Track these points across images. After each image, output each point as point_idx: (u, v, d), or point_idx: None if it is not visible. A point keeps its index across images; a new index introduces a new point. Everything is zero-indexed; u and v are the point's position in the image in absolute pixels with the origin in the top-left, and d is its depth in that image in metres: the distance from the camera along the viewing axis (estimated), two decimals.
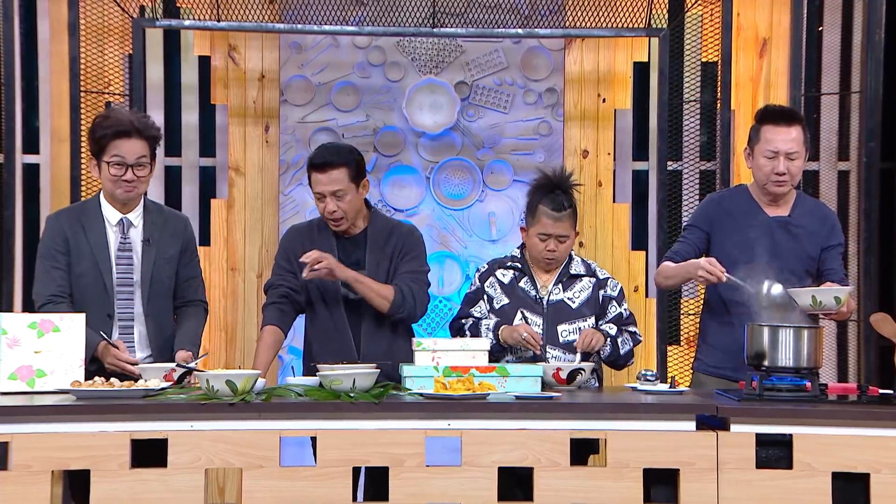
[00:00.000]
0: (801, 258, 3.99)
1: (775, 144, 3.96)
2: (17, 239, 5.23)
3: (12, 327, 3.49)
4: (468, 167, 5.43)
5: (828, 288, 3.72)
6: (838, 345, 5.51)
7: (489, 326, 3.98)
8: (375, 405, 3.26)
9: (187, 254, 3.99)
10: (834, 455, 3.27)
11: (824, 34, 5.54)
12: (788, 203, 4.07)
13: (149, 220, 3.92)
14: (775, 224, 4.03)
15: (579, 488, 3.25)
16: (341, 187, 3.90)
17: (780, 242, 3.99)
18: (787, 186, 4.01)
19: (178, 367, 3.63)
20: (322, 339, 4.00)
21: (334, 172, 3.90)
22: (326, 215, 3.95)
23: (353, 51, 5.41)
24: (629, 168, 5.57)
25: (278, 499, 3.20)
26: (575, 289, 4.07)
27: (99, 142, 3.82)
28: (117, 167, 3.80)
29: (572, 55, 5.48)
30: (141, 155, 3.82)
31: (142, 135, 3.82)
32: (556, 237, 4.00)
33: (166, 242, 3.92)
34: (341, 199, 3.91)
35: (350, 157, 3.94)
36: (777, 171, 3.96)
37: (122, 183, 3.81)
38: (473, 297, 4.11)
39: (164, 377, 3.57)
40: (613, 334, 4.01)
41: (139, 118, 3.88)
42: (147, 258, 3.87)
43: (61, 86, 5.26)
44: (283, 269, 4.05)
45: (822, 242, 4.03)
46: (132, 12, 5.22)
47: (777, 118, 4.00)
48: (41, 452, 3.14)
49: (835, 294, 3.66)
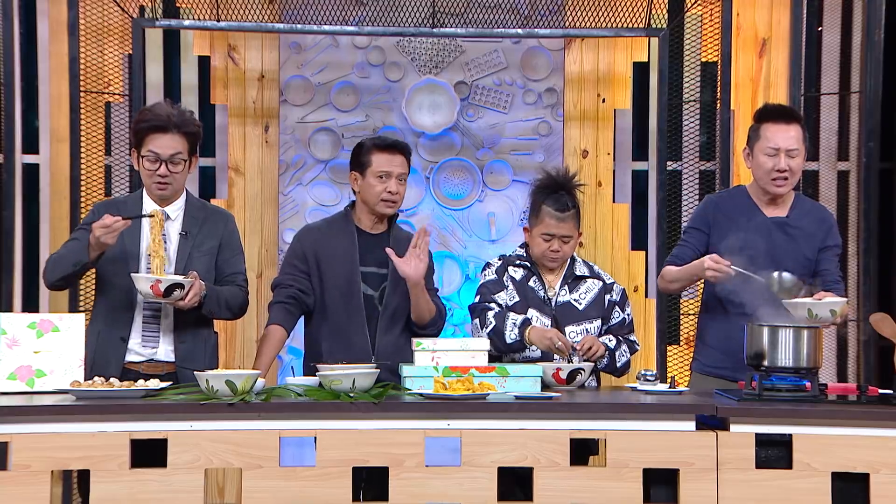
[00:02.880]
0: (797, 259, 3.99)
1: (776, 142, 3.96)
2: (17, 239, 5.23)
3: (12, 327, 3.49)
4: (468, 167, 5.43)
5: (824, 301, 3.66)
6: (838, 345, 5.51)
7: (516, 322, 3.93)
8: (375, 405, 3.26)
9: (228, 249, 3.93)
10: (833, 455, 3.27)
11: (824, 34, 5.54)
12: (787, 204, 4.08)
13: (189, 214, 3.88)
14: (773, 224, 4.03)
15: (579, 488, 3.25)
16: (404, 171, 4.05)
17: (777, 243, 4.00)
18: (787, 185, 4.01)
19: (162, 280, 3.60)
20: (335, 339, 3.98)
21: (402, 157, 4.04)
22: (385, 196, 4.01)
23: (352, 51, 5.41)
24: (629, 168, 5.57)
25: (278, 499, 3.20)
26: (580, 290, 4.08)
27: (137, 135, 3.81)
28: (152, 162, 3.79)
29: (572, 55, 5.48)
30: (177, 151, 3.79)
31: (180, 130, 3.79)
32: (560, 237, 4.01)
33: (204, 236, 3.88)
34: (402, 182, 4.04)
35: (409, 149, 4.13)
36: (778, 167, 3.96)
37: (157, 177, 3.79)
38: (495, 286, 4.06)
39: (150, 287, 3.57)
40: (612, 347, 4.01)
41: (179, 113, 3.83)
42: (183, 250, 3.83)
43: (61, 86, 5.26)
44: (296, 269, 4.04)
45: (819, 244, 4.03)
46: (132, 12, 5.22)
47: (777, 116, 4.01)
48: (41, 452, 3.14)
49: (830, 307, 3.64)
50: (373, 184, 4.00)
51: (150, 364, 3.78)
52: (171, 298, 3.63)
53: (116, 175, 5.27)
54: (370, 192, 4.02)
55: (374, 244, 4.05)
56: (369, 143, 4.07)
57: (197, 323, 3.84)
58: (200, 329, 3.87)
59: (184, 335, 3.81)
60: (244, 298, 3.95)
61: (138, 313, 3.79)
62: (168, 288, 3.61)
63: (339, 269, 3.99)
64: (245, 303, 3.96)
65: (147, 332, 3.79)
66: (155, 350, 3.79)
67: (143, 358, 3.78)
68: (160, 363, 3.78)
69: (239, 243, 4.00)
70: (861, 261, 5.36)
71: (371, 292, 4.01)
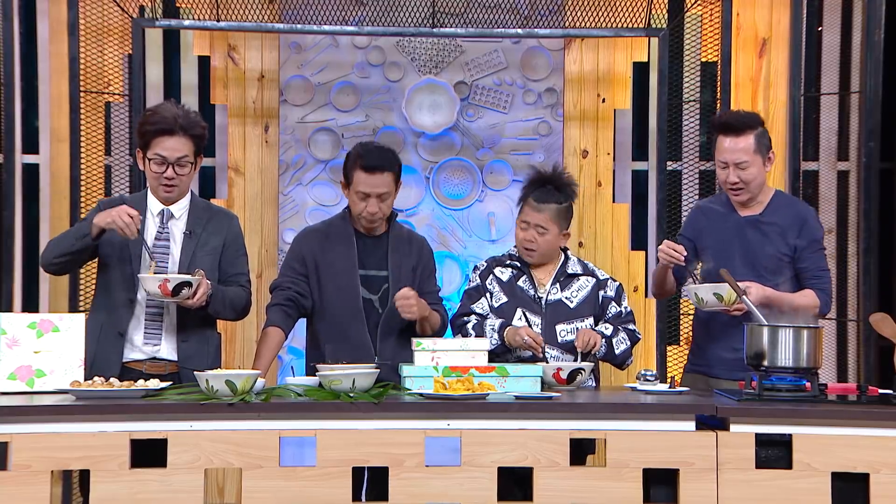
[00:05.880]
0: (772, 255, 4.00)
1: (723, 155, 4.00)
2: (17, 239, 5.22)
3: (12, 327, 3.49)
4: (468, 167, 5.43)
5: (706, 285, 3.83)
6: (838, 345, 5.51)
7: (494, 327, 3.98)
8: (375, 405, 3.27)
9: (231, 249, 3.92)
10: (833, 455, 3.27)
11: (824, 34, 5.54)
12: (763, 203, 4.08)
13: (194, 213, 3.88)
14: (745, 224, 4.06)
15: (579, 488, 3.26)
16: (387, 190, 3.97)
17: (751, 241, 4.02)
18: (743, 195, 4.03)
19: (170, 279, 3.60)
20: (337, 340, 3.97)
21: (384, 176, 3.96)
22: (366, 215, 3.98)
23: (352, 51, 5.41)
24: (629, 168, 5.57)
25: (278, 499, 3.20)
26: (572, 288, 4.08)
27: (143, 137, 3.80)
28: (158, 164, 3.78)
29: (572, 55, 5.48)
30: (183, 154, 3.79)
31: (186, 133, 3.78)
32: (535, 226, 4.03)
33: (209, 236, 3.87)
34: (384, 201, 3.98)
35: (397, 162, 4.03)
36: (729, 180, 3.99)
37: (163, 180, 3.79)
38: (475, 294, 4.12)
39: (158, 286, 3.56)
40: (609, 334, 4.01)
41: (185, 115, 3.81)
42: (186, 249, 3.83)
43: (61, 86, 5.26)
44: (295, 272, 4.04)
45: (794, 239, 4.01)
46: (132, 12, 5.22)
47: (726, 129, 4.01)
48: (41, 452, 3.14)
49: (714, 290, 3.79)
50: (355, 201, 4.00)
51: (153, 363, 3.77)
52: (180, 297, 3.63)
53: (116, 175, 5.27)
54: (353, 207, 4.03)
55: (373, 247, 4.05)
56: (355, 158, 4.00)
57: (200, 323, 3.84)
58: (204, 329, 3.86)
59: (187, 335, 3.81)
60: (248, 299, 3.96)
61: (140, 310, 3.79)
62: (176, 287, 3.61)
63: (339, 274, 3.99)
64: (248, 303, 3.97)
65: (149, 329, 3.79)
66: (157, 348, 3.79)
67: (145, 356, 3.78)
68: (163, 362, 3.78)
69: (243, 244, 4.00)
70: (861, 261, 5.35)
71: (370, 296, 4.01)
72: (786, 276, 3.96)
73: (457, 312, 4.16)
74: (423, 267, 4.10)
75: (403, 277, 4.01)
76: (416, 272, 4.07)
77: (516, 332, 3.91)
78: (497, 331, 3.96)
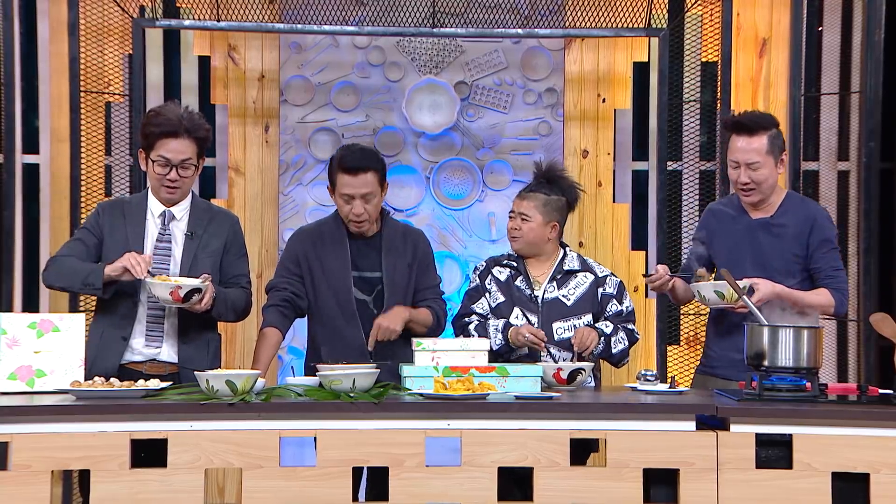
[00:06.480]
0: (784, 257, 3.99)
1: (735, 155, 3.98)
2: (17, 239, 5.22)
3: (12, 327, 3.49)
4: (468, 167, 5.43)
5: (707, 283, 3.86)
6: (838, 345, 5.51)
7: (498, 328, 4.00)
8: (375, 405, 3.27)
9: (232, 251, 3.92)
10: (834, 455, 3.27)
11: (824, 34, 5.54)
12: (774, 204, 4.07)
13: (195, 215, 3.87)
14: (757, 226, 4.04)
15: (579, 488, 3.26)
16: (371, 190, 3.94)
17: (762, 243, 4.01)
18: (754, 196, 4.01)
19: (182, 286, 3.59)
20: (332, 341, 3.98)
21: (366, 176, 3.93)
22: (352, 217, 3.97)
23: (352, 51, 5.41)
24: (629, 168, 5.57)
25: (278, 499, 3.20)
26: (570, 286, 4.08)
27: (147, 138, 3.78)
28: (162, 166, 3.77)
29: (572, 55, 5.48)
30: (187, 157, 3.78)
31: (190, 135, 3.77)
32: (519, 214, 4.10)
33: (210, 237, 3.86)
34: (369, 202, 3.95)
35: (379, 161, 4.01)
36: (740, 180, 3.98)
37: (166, 182, 3.78)
38: (475, 294, 4.14)
39: (170, 293, 3.55)
40: (608, 332, 4.02)
41: (189, 117, 3.80)
42: (188, 251, 3.82)
43: (61, 86, 5.26)
44: (289, 272, 4.04)
45: (806, 239, 4.01)
46: (132, 12, 5.22)
47: (739, 128, 4.00)
48: (41, 452, 3.14)
49: (716, 289, 3.81)
50: (340, 204, 3.99)
51: (152, 364, 3.77)
52: (190, 303, 3.63)
53: (116, 175, 5.27)
54: (339, 210, 4.03)
55: (367, 248, 4.05)
56: (336, 160, 3.99)
57: (201, 325, 3.83)
58: (204, 331, 3.86)
59: (188, 337, 3.81)
60: (248, 300, 3.96)
61: (142, 313, 3.78)
62: (187, 294, 3.61)
63: (332, 275, 3.99)
64: (249, 305, 3.97)
65: (151, 332, 3.78)
66: (158, 350, 3.78)
67: (145, 358, 3.78)
68: (163, 363, 3.78)
69: (243, 245, 4.00)
70: (861, 261, 5.35)
71: (364, 297, 4.00)
72: (798, 278, 3.95)
73: (458, 313, 4.17)
74: (419, 262, 4.08)
75: (398, 277, 4.01)
76: (412, 269, 4.06)
77: (518, 332, 3.92)
78: (501, 331, 3.98)
